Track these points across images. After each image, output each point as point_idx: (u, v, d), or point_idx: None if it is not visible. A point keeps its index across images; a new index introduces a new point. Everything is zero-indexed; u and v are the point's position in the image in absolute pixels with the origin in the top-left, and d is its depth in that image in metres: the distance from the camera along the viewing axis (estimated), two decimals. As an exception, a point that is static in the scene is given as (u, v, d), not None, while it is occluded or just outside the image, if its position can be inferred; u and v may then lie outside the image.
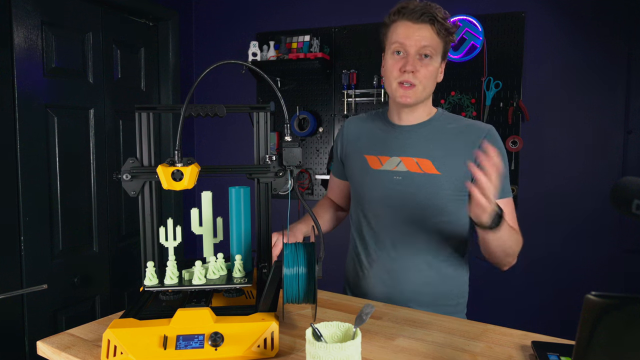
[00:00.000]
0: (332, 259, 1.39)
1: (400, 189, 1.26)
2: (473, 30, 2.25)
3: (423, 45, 1.19)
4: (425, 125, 1.29)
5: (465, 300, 1.35)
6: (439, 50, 1.22)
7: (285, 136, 1.02)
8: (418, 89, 1.21)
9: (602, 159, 2.17)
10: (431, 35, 1.19)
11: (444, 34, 1.20)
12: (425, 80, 1.21)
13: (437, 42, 1.20)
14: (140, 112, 1.02)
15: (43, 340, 0.97)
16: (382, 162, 1.30)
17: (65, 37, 2.10)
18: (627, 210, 0.55)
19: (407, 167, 1.26)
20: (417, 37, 1.18)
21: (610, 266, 2.17)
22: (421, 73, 1.20)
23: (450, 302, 1.30)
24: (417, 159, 1.25)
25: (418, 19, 1.18)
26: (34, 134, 1.97)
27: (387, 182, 1.28)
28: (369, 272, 1.34)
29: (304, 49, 2.54)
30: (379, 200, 1.30)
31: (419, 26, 1.19)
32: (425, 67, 1.20)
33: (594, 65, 2.16)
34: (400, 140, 1.29)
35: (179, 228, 1.03)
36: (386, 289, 1.30)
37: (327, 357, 0.74)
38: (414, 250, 1.27)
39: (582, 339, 0.53)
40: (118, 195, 2.40)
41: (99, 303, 2.31)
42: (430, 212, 1.24)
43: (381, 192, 1.29)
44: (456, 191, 1.23)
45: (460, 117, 1.31)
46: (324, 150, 2.70)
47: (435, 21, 1.18)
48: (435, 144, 1.25)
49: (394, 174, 1.28)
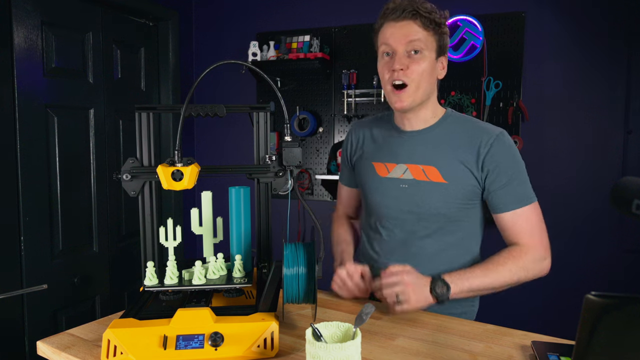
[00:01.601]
0: (333, 259, 1.39)
1: (407, 198, 1.22)
2: (473, 30, 2.25)
3: (409, 40, 1.14)
4: (432, 129, 1.24)
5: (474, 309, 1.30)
6: (430, 43, 1.16)
7: (285, 136, 1.02)
8: (411, 88, 1.15)
9: (602, 159, 2.17)
10: (417, 30, 1.14)
11: (432, 26, 1.14)
12: (418, 77, 1.15)
13: (425, 35, 1.14)
14: (140, 112, 1.02)
15: (43, 340, 0.97)
16: (389, 169, 1.26)
17: (65, 37, 2.10)
18: (627, 210, 0.55)
19: (414, 175, 1.22)
20: (402, 34, 1.14)
21: (610, 266, 2.17)
22: (412, 70, 1.14)
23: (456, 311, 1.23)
24: (424, 166, 1.21)
25: (400, 16, 1.14)
26: (34, 134, 1.97)
27: (394, 191, 1.24)
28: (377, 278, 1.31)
29: (304, 49, 2.54)
30: (386, 209, 1.26)
31: (403, 23, 1.15)
32: (417, 63, 1.15)
33: (594, 65, 2.16)
34: (407, 147, 1.25)
35: (179, 228, 1.03)
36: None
37: (327, 357, 0.74)
38: (422, 259, 1.21)
39: (582, 339, 0.53)
40: (118, 195, 2.40)
41: (99, 303, 2.31)
42: (438, 221, 1.21)
43: (388, 201, 1.25)
44: (464, 200, 1.19)
45: (470, 119, 1.25)
46: (324, 150, 2.70)
47: (419, 15, 1.13)
48: (441, 151, 1.20)
49: (400, 182, 1.23)
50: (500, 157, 1.15)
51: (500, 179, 1.16)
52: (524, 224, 1.17)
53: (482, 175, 1.17)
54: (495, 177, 1.16)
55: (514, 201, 1.16)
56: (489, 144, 1.16)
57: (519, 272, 1.13)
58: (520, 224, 1.16)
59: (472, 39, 2.26)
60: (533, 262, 1.15)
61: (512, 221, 1.17)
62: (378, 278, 1.30)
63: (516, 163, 1.17)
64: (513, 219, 1.17)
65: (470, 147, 1.18)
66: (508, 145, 1.17)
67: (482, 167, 1.17)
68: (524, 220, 1.16)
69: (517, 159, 1.18)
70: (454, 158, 1.18)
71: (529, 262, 1.14)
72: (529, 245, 1.16)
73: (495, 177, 1.16)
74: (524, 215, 1.16)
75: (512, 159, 1.17)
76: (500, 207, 1.17)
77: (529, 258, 1.15)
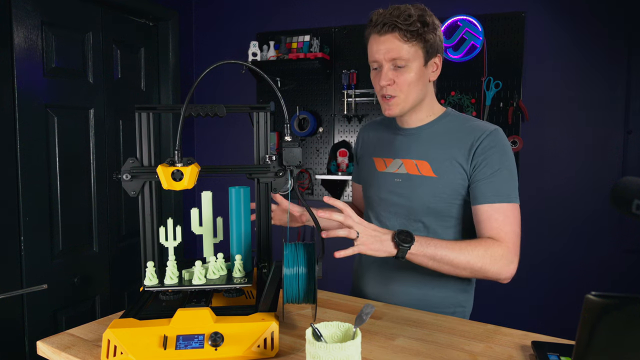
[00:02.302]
0: (334, 259, 1.39)
1: (400, 192, 1.26)
2: (473, 30, 2.25)
3: (391, 57, 1.16)
4: (428, 127, 1.27)
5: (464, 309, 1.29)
6: (415, 53, 1.16)
7: (285, 136, 1.02)
8: (400, 98, 1.19)
9: (602, 159, 2.17)
10: (398, 45, 1.15)
11: (414, 35, 1.14)
12: (406, 88, 1.18)
13: (407, 47, 1.15)
14: (140, 112, 1.02)
15: (43, 340, 0.97)
16: (387, 164, 1.31)
17: (65, 37, 2.10)
18: (627, 210, 0.55)
19: (407, 170, 1.26)
20: (384, 50, 1.16)
21: (610, 266, 2.17)
22: (398, 83, 1.18)
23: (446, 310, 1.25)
24: (417, 161, 1.25)
25: (380, 30, 1.16)
26: (34, 134, 1.97)
27: (389, 185, 1.28)
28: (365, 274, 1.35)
29: (304, 49, 2.54)
30: (381, 202, 1.31)
31: (384, 38, 1.16)
32: (402, 76, 1.17)
33: (594, 65, 2.16)
34: (404, 143, 1.29)
35: (179, 228, 1.03)
36: (379, 292, 1.30)
37: (327, 357, 0.74)
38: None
39: (582, 339, 0.53)
40: (118, 195, 2.40)
41: (99, 303, 2.31)
42: (428, 215, 1.23)
43: (384, 194, 1.30)
44: (453, 194, 1.20)
45: (468, 118, 1.26)
46: (324, 150, 2.70)
47: (397, 28, 1.13)
48: (434, 146, 1.23)
49: (395, 176, 1.28)
50: (489, 151, 1.15)
51: (485, 171, 1.15)
52: (500, 219, 1.13)
53: (470, 168, 1.17)
54: (482, 168, 1.15)
55: (494, 194, 1.14)
56: (481, 138, 1.17)
57: (484, 259, 1.08)
58: (496, 218, 1.13)
59: (472, 39, 2.26)
60: (501, 258, 1.10)
61: (488, 214, 1.14)
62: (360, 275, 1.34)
63: (505, 160, 1.16)
64: (489, 211, 1.14)
65: (464, 143, 1.19)
66: (500, 141, 1.17)
67: (472, 161, 1.17)
68: (500, 215, 1.13)
69: (508, 156, 1.17)
70: (446, 153, 1.21)
71: (498, 255, 1.10)
72: (502, 241, 1.12)
73: (481, 169, 1.15)
74: (502, 210, 1.13)
75: (502, 154, 1.16)
76: (479, 198, 1.15)
77: (499, 252, 1.10)
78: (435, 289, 1.25)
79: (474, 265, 1.09)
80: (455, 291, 1.27)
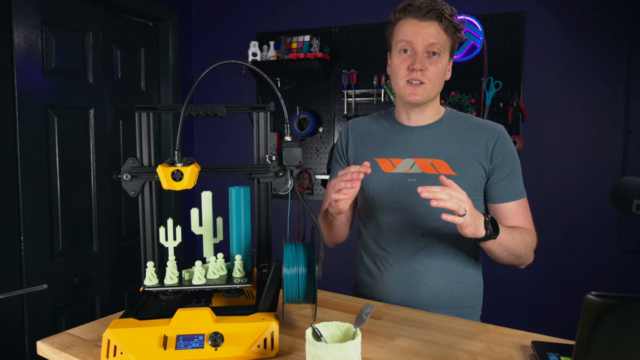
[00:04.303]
0: (334, 259, 1.39)
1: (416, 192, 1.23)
2: (473, 30, 2.25)
3: (431, 42, 1.16)
4: (436, 125, 1.27)
5: (481, 302, 1.32)
6: (447, 47, 1.19)
7: (285, 136, 1.02)
8: (427, 87, 1.19)
9: (602, 159, 2.17)
10: (438, 33, 1.16)
11: (452, 30, 1.17)
12: (434, 78, 1.19)
13: (444, 39, 1.17)
14: (140, 112, 1.02)
15: (43, 340, 0.97)
16: (395, 164, 1.27)
17: (65, 37, 2.10)
18: (627, 210, 0.55)
19: (422, 169, 1.23)
20: (425, 35, 1.15)
21: (610, 266, 2.17)
22: (430, 71, 1.17)
23: (468, 304, 1.27)
24: (432, 159, 1.23)
25: (425, 15, 1.15)
26: (34, 134, 1.97)
27: (402, 185, 1.24)
28: (384, 277, 1.29)
29: (304, 49, 2.54)
30: (393, 204, 1.26)
31: (427, 23, 1.16)
32: (434, 65, 1.18)
33: (594, 65, 2.16)
34: (413, 142, 1.27)
35: (179, 228, 1.03)
36: (403, 293, 1.26)
37: (327, 357, 0.74)
38: (431, 252, 1.24)
39: (582, 339, 0.53)
40: (118, 195, 2.40)
41: (99, 303, 2.31)
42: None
43: (396, 196, 1.25)
44: (472, 191, 1.21)
45: (470, 116, 1.29)
46: (324, 150, 2.70)
47: (443, 18, 1.15)
48: (448, 144, 1.23)
49: (408, 177, 1.24)
50: (505, 151, 1.23)
51: (505, 170, 1.22)
52: (524, 213, 1.25)
53: (490, 167, 1.23)
54: (502, 168, 1.22)
55: (515, 192, 1.23)
56: (495, 137, 1.22)
57: (527, 246, 1.18)
58: (522, 213, 1.24)
59: (472, 39, 2.26)
60: (533, 245, 1.22)
61: (514, 210, 1.23)
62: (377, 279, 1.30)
63: (516, 157, 1.25)
64: (515, 207, 1.23)
65: (478, 141, 1.23)
66: (509, 139, 1.26)
67: (491, 159, 1.22)
68: (523, 209, 1.25)
69: (516, 153, 1.26)
70: (463, 151, 1.23)
71: (532, 244, 1.22)
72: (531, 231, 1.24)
73: (501, 168, 1.22)
74: (523, 205, 1.24)
75: (514, 153, 1.25)
76: (503, 196, 1.23)
77: (533, 240, 1.22)
78: (460, 284, 1.26)
79: (520, 252, 1.18)
80: (475, 284, 1.31)
